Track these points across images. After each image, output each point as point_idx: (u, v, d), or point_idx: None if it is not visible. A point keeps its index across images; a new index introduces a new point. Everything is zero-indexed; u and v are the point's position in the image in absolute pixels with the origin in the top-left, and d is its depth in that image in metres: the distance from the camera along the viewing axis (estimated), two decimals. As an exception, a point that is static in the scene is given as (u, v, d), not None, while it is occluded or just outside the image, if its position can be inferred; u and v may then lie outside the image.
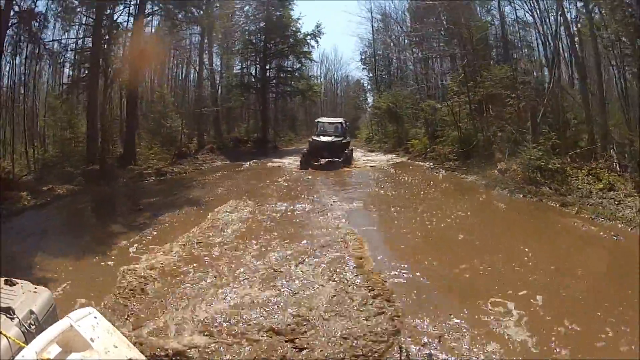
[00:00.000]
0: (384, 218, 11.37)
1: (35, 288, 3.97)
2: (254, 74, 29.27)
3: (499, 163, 15.14)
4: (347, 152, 20.72)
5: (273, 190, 14.33)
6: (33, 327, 3.51)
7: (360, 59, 33.43)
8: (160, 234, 9.66)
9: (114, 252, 8.56)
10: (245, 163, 21.11)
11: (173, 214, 11.33)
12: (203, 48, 25.76)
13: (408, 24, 26.85)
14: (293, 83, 30.56)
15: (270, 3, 27.46)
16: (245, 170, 19.51)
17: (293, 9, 28.40)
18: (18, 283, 3.95)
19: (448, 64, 23.36)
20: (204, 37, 25.22)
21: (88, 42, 18.36)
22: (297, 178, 16.93)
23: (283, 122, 33.54)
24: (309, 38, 29.03)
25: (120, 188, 15.52)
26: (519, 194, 12.79)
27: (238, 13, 27.92)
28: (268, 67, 29.17)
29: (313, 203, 12.42)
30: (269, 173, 18.38)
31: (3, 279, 3.92)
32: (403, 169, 18.95)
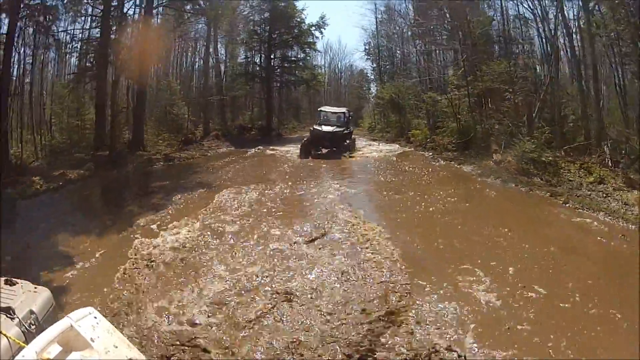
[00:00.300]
0: (377, 201, 12.23)
1: (35, 288, 4.05)
2: (259, 63, 29.58)
3: (495, 154, 15.65)
4: (349, 142, 20.63)
5: (278, 176, 14.91)
6: (33, 326, 3.56)
7: (364, 50, 33.57)
8: (176, 213, 10.41)
9: (135, 228, 9.30)
10: (251, 150, 21.49)
11: (186, 196, 11.99)
12: (210, 38, 26.20)
13: (411, 17, 27.10)
14: (297, 72, 30.68)
15: (275, -6, 27.62)
16: (251, 157, 19.96)
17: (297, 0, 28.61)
18: (18, 283, 4.00)
19: (451, 57, 23.54)
20: (210, 27, 25.57)
21: (94, 32, 18.69)
22: (300, 165, 17.50)
23: (287, 110, 33.76)
24: (314, 29, 29.18)
25: (130, 173, 16.05)
26: (511, 184, 13.35)
27: (243, 3, 28.19)
28: (273, 56, 29.42)
29: (315, 187, 13.20)
30: (274, 160, 18.89)
31: (3, 279, 3.98)
32: (403, 158, 19.43)
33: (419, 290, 6.50)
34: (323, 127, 20.50)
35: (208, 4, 21.63)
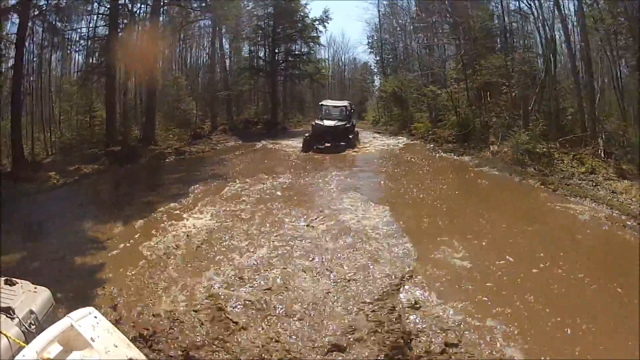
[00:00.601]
0: (373, 187, 13.20)
1: (35, 288, 4.03)
2: (263, 58, 30.09)
3: (492, 146, 16.21)
4: (351, 136, 20.60)
5: (286, 168, 15.67)
6: (33, 326, 3.56)
7: (368, 43, 33.90)
8: (196, 201, 11.22)
9: (159, 215, 10.09)
10: (258, 143, 22.09)
11: (203, 186, 12.75)
12: (215, 34, 26.72)
13: (413, 10, 27.50)
14: (301, 66, 31.06)
15: (279, -11, 27.92)
16: (259, 150, 20.58)
17: (301, -6, 28.82)
18: (18, 283, 3.99)
19: (452, 50, 23.86)
20: (215, 23, 25.99)
21: (100, 30, 19.35)
22: (306, 157, 18.16)
23: (292, 104, 34.24)
24: (317, 23, 29.58)
25: (144, 166, 16.67)
26: (506, 173, 14.03)
27: (247, -1, 28.59)
28: (277, 51, 29.79)
29: (320, 177, 14.07)
30: (281, 153, 19.48)
31: (3, 279, 3.97)
32: (405, 150, 20.02)
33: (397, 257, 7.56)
34: (325, 121, 20.41)
35: (214, 2, 21.82)
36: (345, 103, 22.83)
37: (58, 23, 18.21)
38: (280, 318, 5.69)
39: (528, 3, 17.98)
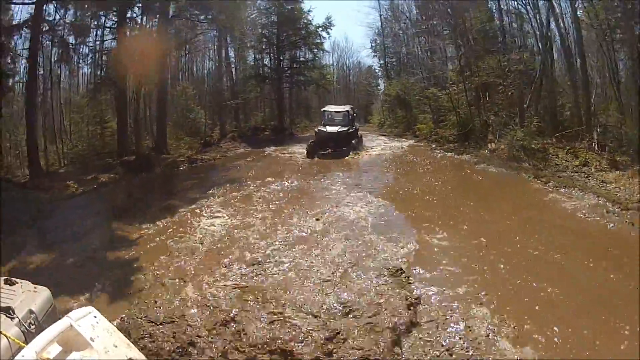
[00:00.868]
0: (371, 183, 14.07)
1: (35, 287, 4.06)
2: (269, 65, 30.64)
3: (490, 144, 16.73)
4: (354, 141, 20.55)
5: (295, 171, 16.42)
6: (33, 326, 3.58)
7: (371, 47, 34.33)
8: (215, 204, 12.04)
9: (180, 217, 10.97)
10: (267, 149, 22.46)
11: (219, 190, 13.49)
12: (221, 44, 27.54)
13: (414, 13, 28.08)
14: (306, 73, 31.36)
15: (281, -3, 28.56)
16: (269, 155, 21.07)
17: (303, 2, 29.32)
18: (18, 282, 4.01)
19: (453, 52, 24.27)
20: (221, 33, 26.68)
21: (106, 43, 19.86)
22: (312, 161, 18.76)
23: (298, 110, 34.65)
24: (320, 30, 29.90)
25: (159, 174, 17.20)
26: (501, 169, 14.64)
27: (251, 7, 29.24)
28: (282, 58, 30.30)
29: (326, 180, 14.82)
30: (290, 157, 20.00)
31: (3, 279, 4.00)
32: (407, 151, 20.59)
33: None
34: (327, 127, 20.43)
35: (221, 14, 22.32)
36: (348, 108, 22.63)
37: (70, 38, 18.78)
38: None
39: (523, 4, 18.49)
